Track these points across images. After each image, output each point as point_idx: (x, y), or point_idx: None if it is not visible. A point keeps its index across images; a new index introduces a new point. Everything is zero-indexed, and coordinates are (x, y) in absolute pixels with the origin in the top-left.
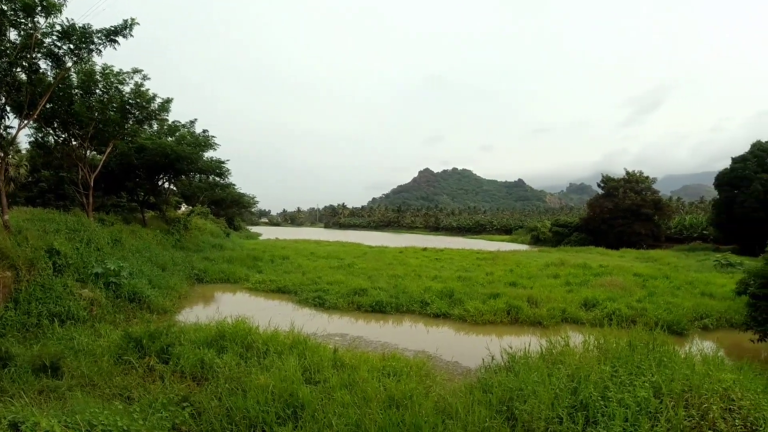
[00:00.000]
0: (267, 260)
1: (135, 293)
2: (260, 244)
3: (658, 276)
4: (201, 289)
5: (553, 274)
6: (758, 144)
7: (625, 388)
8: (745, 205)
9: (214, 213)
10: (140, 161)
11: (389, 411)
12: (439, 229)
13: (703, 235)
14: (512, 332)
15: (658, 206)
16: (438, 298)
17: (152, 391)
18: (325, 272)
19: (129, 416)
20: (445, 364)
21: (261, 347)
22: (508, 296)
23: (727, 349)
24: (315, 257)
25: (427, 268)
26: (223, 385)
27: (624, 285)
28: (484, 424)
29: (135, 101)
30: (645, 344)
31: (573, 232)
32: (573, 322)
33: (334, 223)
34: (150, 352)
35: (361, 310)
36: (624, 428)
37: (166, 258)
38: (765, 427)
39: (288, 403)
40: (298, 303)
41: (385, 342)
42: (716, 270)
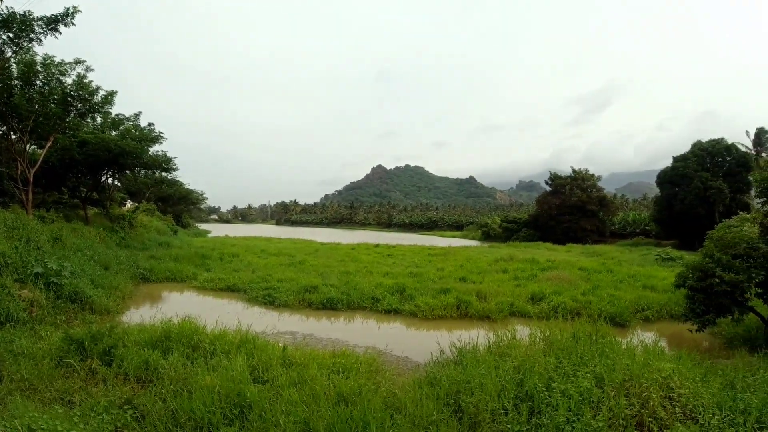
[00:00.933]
0: (216, 258)
1: (77, 293)
2: (209, 241)
3: (602, 270)
4: (146, 289)
5: (502, 269)
6: (698, 144)
7: (569, 379)
8: (685, 201)
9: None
10: (82, 156)
11: (338, 408)
12: (392, 225)
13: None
14: (462, 326)
15: (603, 203)
16: (389, 294)
17: (94, 394)
18: (276, 270)
19: (69, 420)
20: (396, 359)
21: (208, 347)
22: (458, 291)
23: (668, 340)
24: (265, 255)
25: (379, 264)
26: (168, 386)
27: (570, 279)
28: (432, 418)
29: (77, 93)
30: (588, 336)
31: (522, 228)
32: (521, 315)
33: (285, 220)
34: (92, 354)
35: (311, 308)
36: (567, 418)
37: (110, 257)
38: (704, 415)
39: (235, 403)
40: (248, 301)
41: (335, 339)
42: (657, 264)
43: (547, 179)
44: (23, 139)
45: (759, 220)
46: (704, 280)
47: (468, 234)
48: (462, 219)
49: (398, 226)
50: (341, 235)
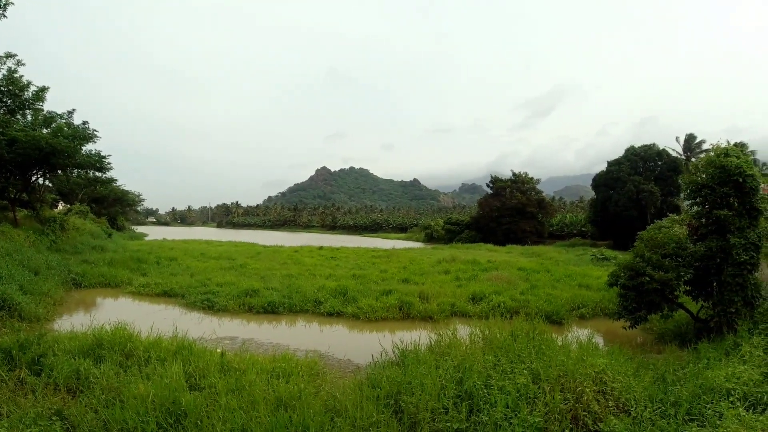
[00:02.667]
0: (152, 262)
1: (4, 300)
2: (146, 244)
3: (541, 270)
4: (79, 295)
5: (444, 270)
6: (632, 149)
7: (507, 376)
8: (619, 204)
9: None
10: (11, 155)
11: (277, 413)
12: (336, 227)
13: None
14: (404, 327)
15: (542, 205)
16: (332, 296)
17: (22, 405)
18: (216, 273)
19: None
20: (338, 362)
21: (142, 355)
22: (400, 293)
23: (603, 336)
24: (205, 258)
25: (322, 267)
26: (99, 396)
27: (509, 279)
28: (372, 419)
29: (7, 89)
30: (526, 334)
31: (464, 229)
32: (462, 315)
33: (227, 223)
34: (20, 363)
35: (252, 312)
36: (505, 414)
37: (40, 261)
38: (636, 407)
39: (170, 411)
40: (186, 306)
41: (277, 343)
42: (593, 263)
43: (489, 182)
44: None
45: (687, 221)
46: (635, 278)
47: (412, 236)
48: (406, 221)
49: (343, 229)
50: (285, 237)
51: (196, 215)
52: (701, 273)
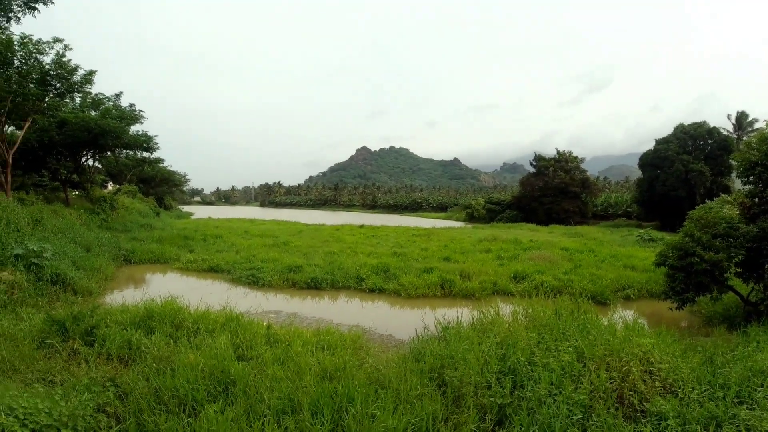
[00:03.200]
0: (199, 239)
1: (58, 275)
2: (192, 223)
3: (584, 250)
4: (129, 270)
5: (486, 249)
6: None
7: (551, 354)
8: (667, 184)
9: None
10: (62, 137)
11: (322, 383)
12: (376, 206)
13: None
14: (445, 305)
15: (586, 185)
16: (373, 273)
17: (76, 374)
18: (260, 250)
19: (50, 399)
20: (380, 337)
21: (191, 326)
22: (441, 270)
23: (648, 318)
24: (249, 236)
25: (363, 244)
26: (151, 364)
27: (552, 258)
28: (416, 392)
29: (56, 72)
30: (570, 312)
31: (505, 209)
32: (503, 294)
33: (269, 202)
34: (74, 334)
35: (296, 287)
36: (549, 390)
37: (91, 238)
38: (683, 388)
39: (219, 380)
40: (231, 282)
41: (320, 317)
42: (638, 245)
43: (532, 160)
44: (1, 120)
45: (739, 201)
46: (684, 258)
47: (452, 215)
48: (446, 200)
49: (382, 208)
50: (325, 216)
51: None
52: (753, 254)
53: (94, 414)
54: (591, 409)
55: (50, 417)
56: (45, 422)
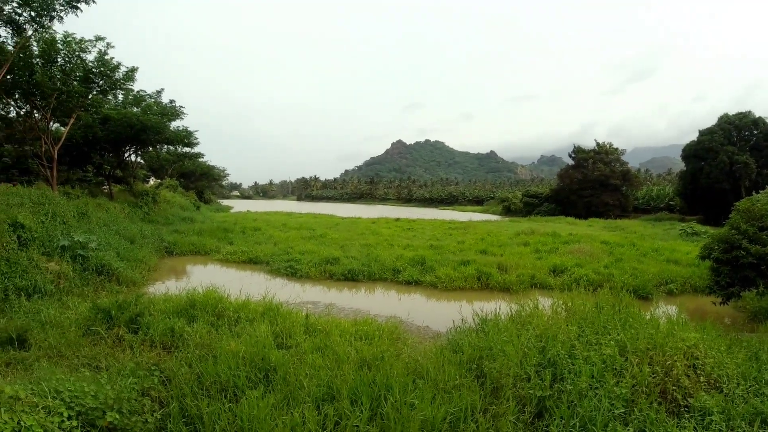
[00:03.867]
0: (238, 232)
1: (103, 265)
2: (231, 216)
3: (625, 244)
4: (171, 262)
5: (523, 242)
6: (725, 117)
7: (592, 347)
8: (711, 176)
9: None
10: (105, 133)
11: (360, 372)
12: (412, 200)
13: (670, 205)
14: (482, 297)
15: (626, 177)
16: (410, 265)
17: (121, 360)
18: (297, 242)
19: (97, 382)
20: (417, 328)
21: (232, 315)
22: (478, 263)
23: (691, 313)
24: (287, 228)
25: (399, 237)
26: (193, 351)
27: (592, 252)
28: (454, 382)
29: (99, 70)
30: (611, 306)
31: (543, 202)
32: (542, 287)
33: (306, 196)
34: (119, 322)
35: (333, 279)
36: (590, 384)
37: (135, 231)
38: (728, 384)
39: (259, 367)
40: (270, 273)
41: (357, 308)
42: (681, 239)
43: (571, 152)
44: (46, 116)
45: None
46: (730, 252)
47: (488, 209)
48: (482, 194)
49: (418, 201)
50: (361, 210)
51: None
52: None
53: (139, 398)
54: (633, 404)
55: (96, 400)
56: (91, 405)
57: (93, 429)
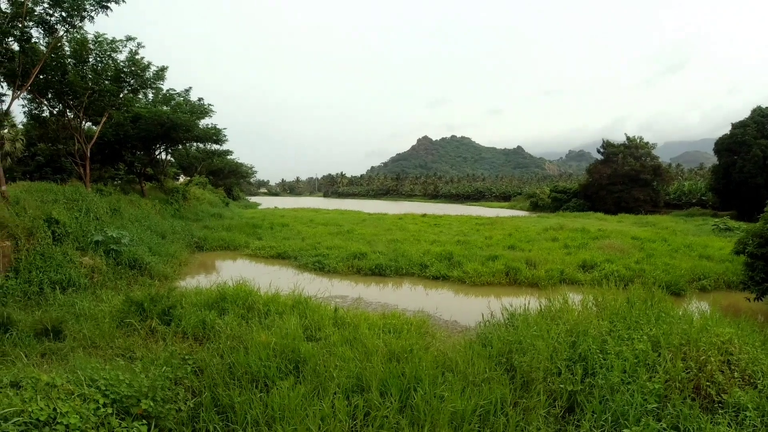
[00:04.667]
0: (266, 228)
1: (135, 260)
2: (259, 212)
3: (656, 239)
4: (201, 257)
5: (552, 238)
6: (758, 110)
7: (624, 342)
8: (744, 170)
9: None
10: (136, 131)
11: (390, 364)
12: (438, 196)
13: (702, 201)
14: (511, 293)
15: (657, 172)
16: (437, 260)
17: (154, 350)
18: (325, 238)
19: (131, 371)
20: (444, 322)
21: (262, 308)
22: (506, 258)
23: (725, 309)
24: (314, 224)
25: (426, 233)
26: (224, 343)
27: (622, 248)
28: (484, 375)
29: (130, 69)
30: (643, 301)
31: (572, 198)
32: (571, 283)
33: (332, 192)
34: (151, 314)
35: (360, 274)
36: (622, 379)
37: (166, 227)
38: (763, 380)
39: (290, 358)
40: (298, 268)
41: (385, 303)
42: (714, 234)
43: (600, 147)
44: (79, 115)
45: None
46: (765, 246)
47: (516, 204)
48: (509, 190)
49: (444, 197)
50: (387, 206)
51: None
52: None
53: (172, 387)
54: (666, 399)
55: (131, 388)
56: (126, 393)
57: (127, 417)
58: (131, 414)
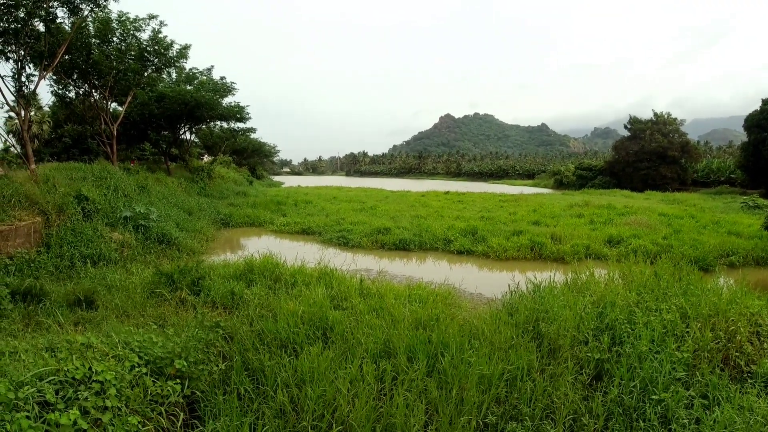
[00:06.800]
0: (290, 205)
1: (164, 235)
2: (283, 191)
3: (684, 216)
4: (227, 233)
5: (577, 214)
6: None
7: (651, 313)
8: None
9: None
10: (160, 110)
11: (416, 331)
12: (461, 174)
13: (731, 179)
14: (536, 267)
15: (685, 149)
16: (461, 236)
17: (185, 318)
18: (348, 214)
19: (164, 335)
20: (470, 295)
21: (289, 279)
22: (531, 234)
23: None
24: (337, 201)
25: (449, 209)
26: (254, 311)
27: (649, 224)
28: (511, 342)
29: (153, 48)
30: (671, 274)
31: (597, 175)
32: (597, 257)
33: (355, 171)
34: (181, 285)
35: (384, 248)
36: (650, 348)
37: (192, 204)
38: None
39: (317, 326)
40: (323, 243)
41: (409, 276)
42: (743, 212)
43: (627, 123)
44: (104, 95)
45: None
46: None
47: (540, 182)
48: (533, 167)
49: (467, 176)
50: (410, 184)
51: (326, 165)
52: None
53: (205, 350)
54: (695, 368)
55: (164, 349)
56: (159, 354)
57: (161, 378)
58: (164, 375)
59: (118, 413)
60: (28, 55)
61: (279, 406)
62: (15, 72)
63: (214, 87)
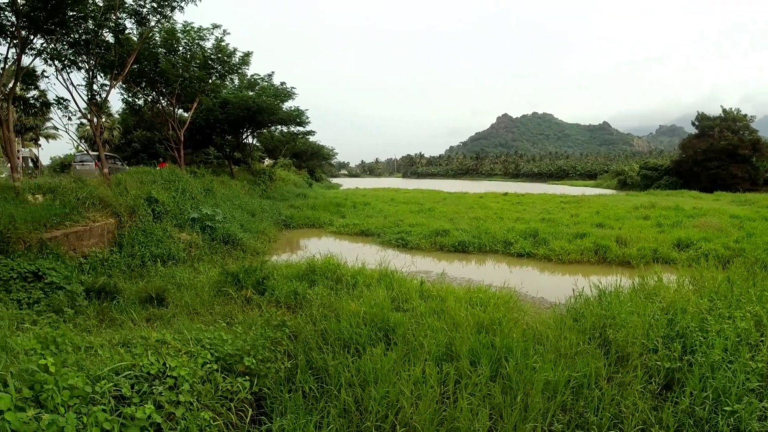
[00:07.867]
0: (349, 206)
1: (229, 236)
2: (341, 192)
3: (757, 218)
4: (288, 234)
5: (643, 216)
6: None
7: (724, 320)
8: None
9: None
10: (224, 116)
11: (479, 335)
12: (519, 175)
13: None
14: (600, 271)
15: (757, 147)
16: (521, 238)
17: (251, 316)
18: (406, 216)
19: (232, 333)
20: (531, 299)
21: (350, 280)
22: (595, 236)
23: None
24: (395, 203)
25: (508, 211)
26: (317, 311)
27: (720, 226)
28: (577, 349)
29: (217, 56)
30: (744, 279)
31: (663, 175)
32: (665, 261)
33: (411, 173)
34: (246, 285)
35: (443, 250)
36: (723, 357)
37: (255, 205)
38: None
39: (379, 327)
40: (381, 244)
41: (469, 278)
42: None
43: (694, 120)
44: (172, 102)
45: None
46: None
47: (602, 183)
48: (595, 167)
49: (526, 176)
50: (467, 185)
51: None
52: None
53: (271, 347)
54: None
55: (234, 347)
56: (229, 351)
57: (230, 374)
58: (234, 371)
59: (190, 408)
60: (99, 65)
61: (343, 405)
62: (87, 81)
63: (274, 92)
